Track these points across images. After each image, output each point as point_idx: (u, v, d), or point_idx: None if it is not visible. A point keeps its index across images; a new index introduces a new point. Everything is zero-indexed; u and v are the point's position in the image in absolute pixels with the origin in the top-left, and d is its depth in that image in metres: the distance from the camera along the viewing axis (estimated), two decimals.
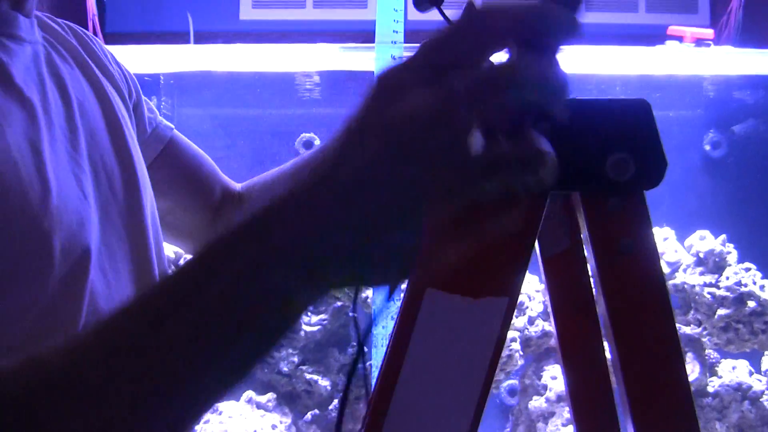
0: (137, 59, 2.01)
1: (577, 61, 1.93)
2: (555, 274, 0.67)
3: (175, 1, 2.31)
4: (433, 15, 0.58)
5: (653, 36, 1.97)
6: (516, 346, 1.81)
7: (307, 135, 2.06)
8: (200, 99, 2.30)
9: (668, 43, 1.93)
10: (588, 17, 2.29)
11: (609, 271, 0.56)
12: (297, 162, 0.88)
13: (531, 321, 1.84)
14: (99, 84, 0.73)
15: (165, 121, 0.87)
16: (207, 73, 2.05)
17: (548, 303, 0.68)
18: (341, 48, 1.83)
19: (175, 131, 0.87)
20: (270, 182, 0.89)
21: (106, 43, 2.24)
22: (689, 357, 1.85)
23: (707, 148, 2.16)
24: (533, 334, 1.81)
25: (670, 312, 0.58)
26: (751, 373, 1.93)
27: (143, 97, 0.83)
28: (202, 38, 2.18)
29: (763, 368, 1.96)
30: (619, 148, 0.54)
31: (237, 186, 0.92)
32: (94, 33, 2.20)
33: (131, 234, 0.69)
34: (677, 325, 1.96)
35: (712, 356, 1.92)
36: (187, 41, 2.08)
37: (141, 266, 0.69)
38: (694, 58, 1.90)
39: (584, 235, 0.59)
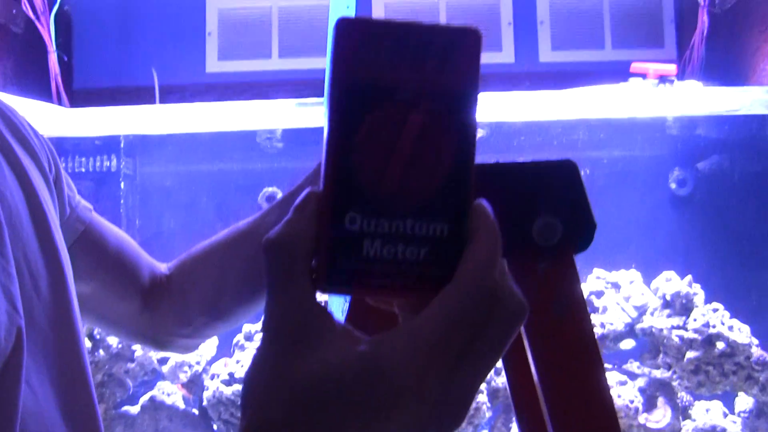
0: (100, 121, 2.01)
1: (538, 108, 1.93)
2: None
3: (142, 57, 2.32)
4: None
5: (618, 72, 1.97)
6: (483, 398, 1.78)
7: (270, 189, 2.05)
8: (162, 156, 2.30)
9: (632, 80, 1.93)
10: (554, 57, 2.31)
11: (539, 335, 0.54)
12: (231, 233, 0.80)
13: (497, 372, 1.80)
14: (20, 167, 0.65)
15: (84, 201, 0.79)
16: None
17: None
18: (297, 104, 1.83)
19: (94, 213, 0.80)
20: (202, 256, 0.82)
21: (73, 102, 2.25)
22: (660, 402, 1.83)
23: (673, 186, 2.15)
24: (500, 384, 1.77)
25: (602, 372, 0.56)
26: (725, 415, 1.90)
27: (63, 172, 0.75)
28: (169, 92, 2.18)
29: (736, 409, 1.93)
30: (545, 211, 0.52)
31: (163, 267, 0.84)
32: (58, 92, 2.21)
33: (59, 336, 0.63)
34: (647, 369, 1.91)
35: (685, 399, 1.89)
36: (155, 95, 2.08)
37: (70, 371, 0.63)
38: (658, 97, 1.90)
39: None
